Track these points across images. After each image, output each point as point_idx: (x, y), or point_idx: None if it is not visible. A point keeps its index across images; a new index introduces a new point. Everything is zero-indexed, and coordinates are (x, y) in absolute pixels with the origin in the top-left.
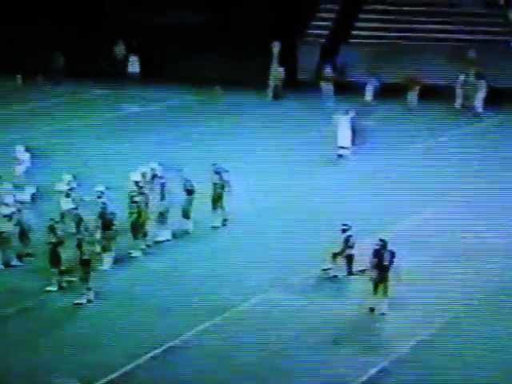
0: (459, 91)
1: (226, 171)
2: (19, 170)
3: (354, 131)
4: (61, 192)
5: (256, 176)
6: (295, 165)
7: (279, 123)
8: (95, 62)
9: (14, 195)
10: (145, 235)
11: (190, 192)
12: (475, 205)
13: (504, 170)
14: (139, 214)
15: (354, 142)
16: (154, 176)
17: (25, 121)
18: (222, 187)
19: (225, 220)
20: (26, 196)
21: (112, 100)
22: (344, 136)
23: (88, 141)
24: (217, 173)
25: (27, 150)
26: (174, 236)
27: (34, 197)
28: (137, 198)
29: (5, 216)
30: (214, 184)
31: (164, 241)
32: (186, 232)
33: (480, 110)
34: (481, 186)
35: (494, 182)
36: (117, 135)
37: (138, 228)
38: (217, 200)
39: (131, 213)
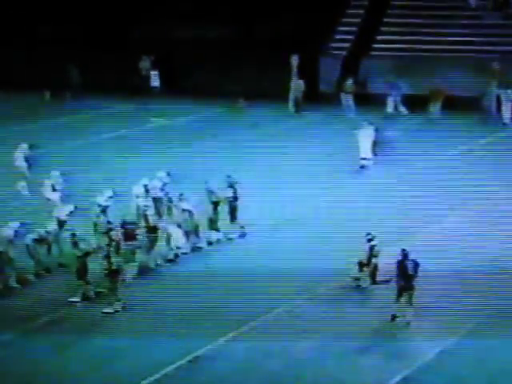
0: (484, 101)
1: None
2: (55, 196)
3: (376, 142)
4: (99, 205)
5: (279, 187)
6: (318, 176)
7: (301, 135)
8: (121, 77)
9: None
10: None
11: (215, 204)
12: (498, 212)
13: None
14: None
15: (376, 153)
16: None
17: (52, 136)
18: (236, 199)
19: (242, 227)
20: (63, 214)
21: (138, 114)
22: (366, 147)
23: (114, 154)
24: (230, 186)
25: (62, 174)
26: (197, 248)
27: (71, 214)
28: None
29: None
30: (228, 198)
31: (187, 252)
32: (217, 242)
33: (508, 120)
34: (504, 194)
35: None
36: (143, 148)
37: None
38: (232, 213)
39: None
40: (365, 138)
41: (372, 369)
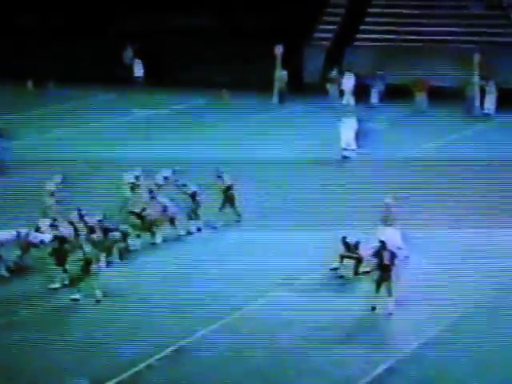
0: (468, 92)
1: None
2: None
3: (359, 133)
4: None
5: (262, 178)
6: (301, 166)
7: (285, 126)
8: (103, 68)
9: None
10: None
11: (192, 196)
12: (484, 204)
13: None
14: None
15: (359, 144)
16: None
17: (34, 126)
18: (229, 189)
19: (238, 219)
20: None
21: (121, 104)
22: (349, 137)
23: (97, 145)
24: (219, 177)
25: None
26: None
27: None
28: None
29: None
30: (220, 188)
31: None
32: (198, 230)
33: (492, 112)
34: (491, 185)
35: (503, 181)
36: (125, 139)
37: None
38: (226, 202)
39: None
40: (347, 128)
41: (355, 359)
